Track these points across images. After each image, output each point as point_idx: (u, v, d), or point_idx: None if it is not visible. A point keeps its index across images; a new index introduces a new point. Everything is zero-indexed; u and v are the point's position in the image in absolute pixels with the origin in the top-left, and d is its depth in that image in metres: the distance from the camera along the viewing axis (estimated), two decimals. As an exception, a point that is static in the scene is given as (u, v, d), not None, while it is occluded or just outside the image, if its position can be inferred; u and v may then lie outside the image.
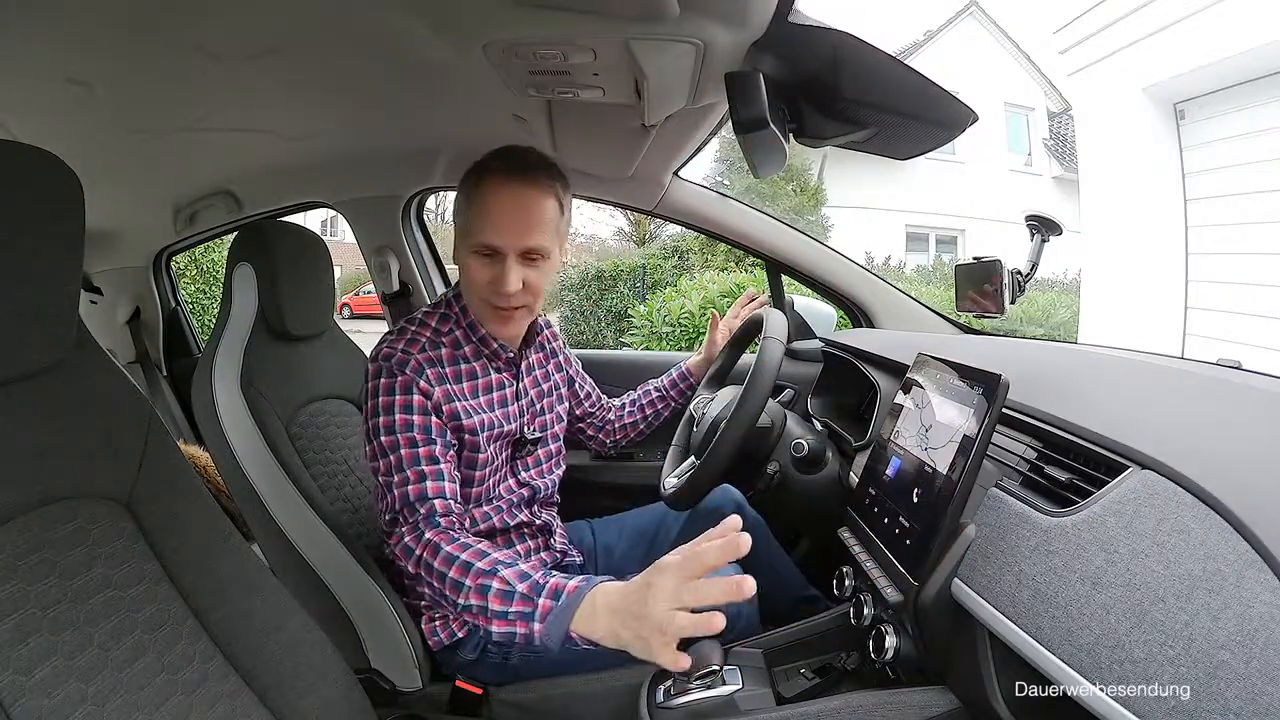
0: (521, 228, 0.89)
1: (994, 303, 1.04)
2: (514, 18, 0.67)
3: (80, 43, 0.79)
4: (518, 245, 0.89)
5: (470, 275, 0.93)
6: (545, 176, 0.90)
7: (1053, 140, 10.54)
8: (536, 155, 0.92)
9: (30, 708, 0.49)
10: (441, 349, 0.96)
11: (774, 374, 0.93)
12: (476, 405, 0.97)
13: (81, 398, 0.63)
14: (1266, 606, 0.41)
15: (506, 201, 0.88)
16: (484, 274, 0.91)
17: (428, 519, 0.85)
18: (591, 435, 1.29)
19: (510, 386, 1.02)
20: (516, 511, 1.03)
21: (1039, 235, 1.03)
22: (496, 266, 0.90)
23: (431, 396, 0.91)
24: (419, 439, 0.89)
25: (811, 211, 9.41)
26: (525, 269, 0.91)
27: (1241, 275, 3.83)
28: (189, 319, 2.06)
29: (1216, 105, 4.03)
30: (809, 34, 0.68)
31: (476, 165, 0.92)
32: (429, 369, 0.92)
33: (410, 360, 0.91)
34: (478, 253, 0.90)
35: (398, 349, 0.92)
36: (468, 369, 0.98)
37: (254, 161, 1.42)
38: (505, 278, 0.89)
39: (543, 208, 0.90)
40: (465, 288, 0.97)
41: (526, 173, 0.89)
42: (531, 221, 0.89)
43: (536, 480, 1.06)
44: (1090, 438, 0.61)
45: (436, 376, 0.93)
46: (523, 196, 0.89)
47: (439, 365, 0.94)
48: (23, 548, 0.54)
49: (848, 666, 0.85)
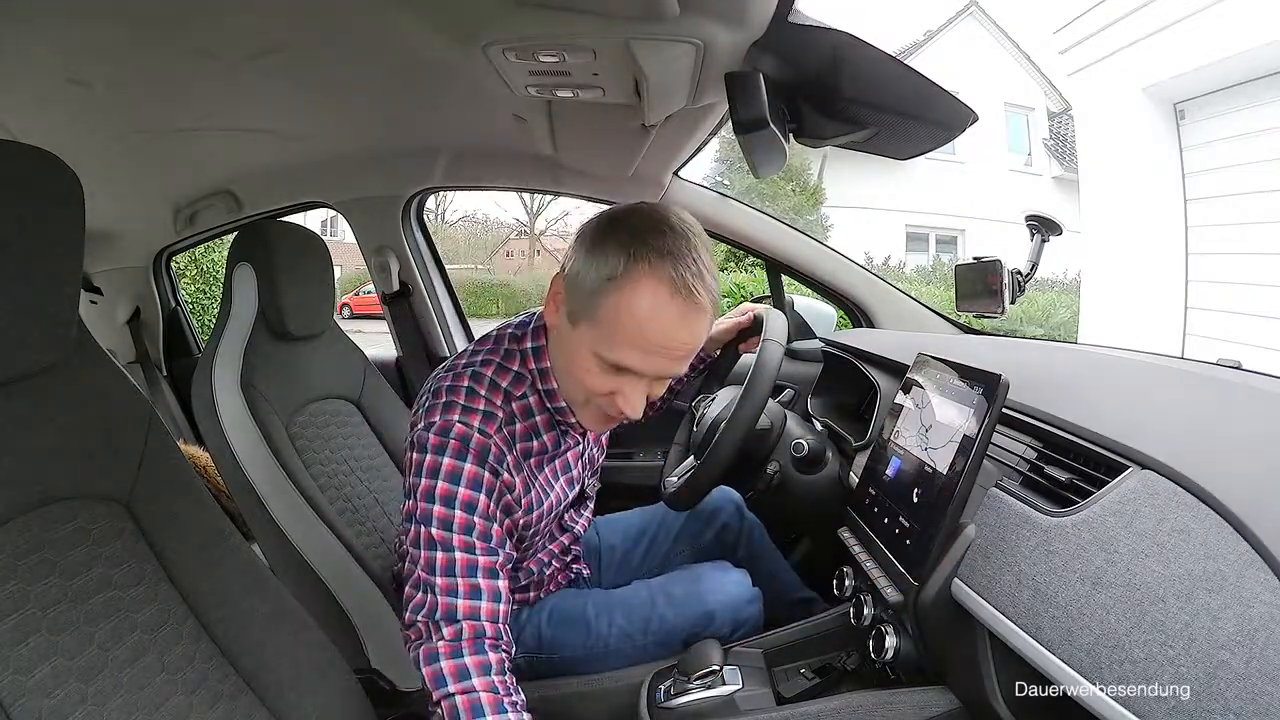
0: (675, 359, 0.71)
1: (994, 303, 1.04)
2: (514, 18, 0.67)
3: (80, 43, 0.79)
4: (663, 374, 0.73)
5: (582, 377, 0.74)
6: (711, 294, 0.70)
7: (1053, 140, 10.54)
8: (704, 255, 0.70)
9: (30, 708, 0.49)
10: (516, 424, 0.79)
11: (774, 374, 0.93)
12: (546, 483, 0.85)
13: (81, 398, 0.63)
14: (1266, 606, 0.41)
15: (667, 325, 0.68)
16: (603, 384, 0.73)
17: (474, 642, 0.69)
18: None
19: (575, 449, 0.92)
20: (553, 559, 0.99)
21: (1039, 235, 1.03)
22: (624, 382, 0.72)
23: (512, 490, 0.77)
24: (479, 547, 0.72)
25: (811, 211, 9.41)
26: (654, 385, 0.75)
27: (1241, 275, 3.83)
28: (189, 319, 2.06)
29: (1216, 105, 4.03)
30: (809, 34, 0.68)
31: (636, 248, 0.67)
32: (508, 455, 0.76)
33: (490, 446, 0.74)
34: (603, 361, 0.71)
35: (473, 426, 0.73)
36: (539, 444, 0.82)
37: (254, 161, 1.42)
38: (633, 400, 0.73)
39: (703, 336, 0.72)
40: (565, 376, 0.78)
41: (698, 292, 0.67)
42: (688, 353, 0.71)
43: (575, 525, 1.02)
44: (1090, 438, 0.61)
45: (515, 464, 0.78)
46: (686, 325, 0.69)
47: (517, 450, 0.78)
48: (23, 548, 0.54)
49: (848, 666, 0.85)
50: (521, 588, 0.99)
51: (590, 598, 1.00)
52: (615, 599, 0.99)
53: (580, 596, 1.01)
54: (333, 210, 1.64)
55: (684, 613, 0.95)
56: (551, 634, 0.97)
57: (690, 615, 0.95)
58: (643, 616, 0.96)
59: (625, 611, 0.97)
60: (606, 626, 0.96)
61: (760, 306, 1.17)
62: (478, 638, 0.69)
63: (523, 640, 0.97)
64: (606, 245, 0.69)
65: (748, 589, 0.98)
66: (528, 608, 0.99)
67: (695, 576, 1.00)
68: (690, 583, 0.98)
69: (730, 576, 0.99)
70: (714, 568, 1.02)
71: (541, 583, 1.01)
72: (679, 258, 0.67)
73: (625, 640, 0.96)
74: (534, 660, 0.97)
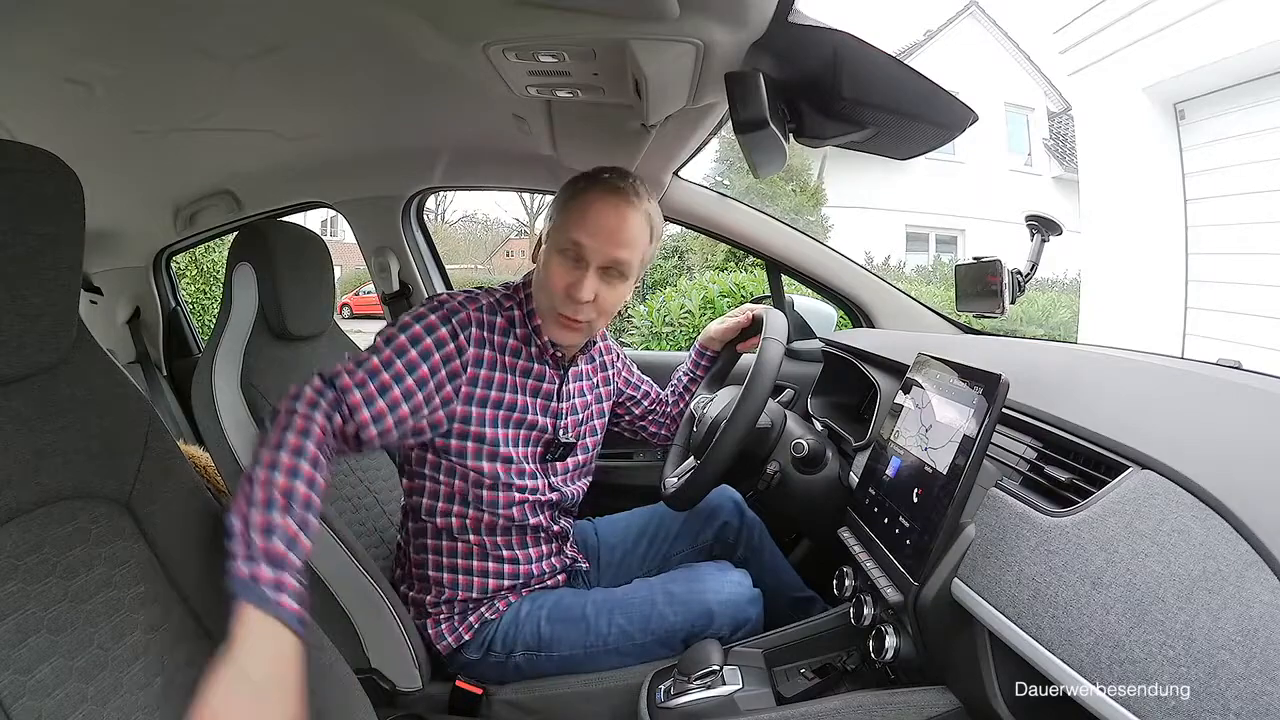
0: (613, 236, 0.89)
1: (994, 303, 1.04)
2: (514, 18, 0.67)
3: (80, 43, 0.79)
4: (604, 253, 0.89)
5: (549, 273, 0.92)
6: (645, 200, 0.93)
7: (1053, 140, 10.55)
8: (641, 181, 0.94)
9: (30, 708, 0.49)
10: (498, 317, 0.94)
11: (774, 374, 0.93)
12: (511, 383, 0.95)
13: (81, 398, 0.63)
14: (1266, 606, 0.41)
15: (606, 210, 0.90)
16: (563, 277, 0.90)
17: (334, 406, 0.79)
18: (655, 432, 1.25)
19: (552, 384, 1.00)
20: (538, 510, 1.00)
21: (1039, 235, 1.03)
22: (577, 272, 0.90)
23: (463, 354, 0.89)
24: (398, 368, 0.84)
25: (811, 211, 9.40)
26: (602, 282, 0.91)
27: (1241, 275, 3.83)
28: (189, 319, 2.06)
29: (1217, 105, 4.03)
30: (809, 34, 0.68)
31: (583, 175, 0.94)
32: (474, 328, 0.91)
33: (460, 311, 0.90)
34: (563, 251, 0.90)
35: (455, 299, 0.92)
36: (514, 345, 0.96)
37: (254, 161, 1.42)
38: (582, 284, 0.89)
39: (637, 225, 0.91)
40: (538, 288, 0.95)
41: (629, 191, 0.91)
42: (624, 233, 0.90)
43: (564, 486, 1.03)
44: (1090, 438, 0.61)
45: (480, 340, 0.91)
46: (622, 208, 0.90)
47: (489, 331, 0.93)
48: (23, 548, 0.54)
49: (848, 666, 0.85)
50: (519, 585, 1.00)
51: (590, 597, 1.00)
52: (615, 598, 0.99)
53: (580, 596, 1.01)
54: (333, 210, 1.65)
55: (684, 612, 0.95)
56: (551, 632, 0.97)
57: (690, 614, 0.95)
58: (643, 615, 0.96)
59: (625, 610, 0.97)
60: (606, 625, 0.96)
61: (760, 307, 1.17)
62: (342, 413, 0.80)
63: (523, 638, 0.97)
64: (563, 189, 0.95)
65: (748, 589, 0.98)
66: (527, 605, 1.00)
67: (696, 576, 1.00)
68: (691, 582, 0.99)
69: (731, 576, 0.99)
70: (715, 567, 1.02)
71: (542, 574, 1.02)
72: (614, 179, 0.92)
73: (625, 639, 0.96)
74: (534, 658, 0.97)
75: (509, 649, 0.98)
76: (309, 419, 0.75)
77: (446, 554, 0.99)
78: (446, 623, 0.99)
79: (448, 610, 1.00)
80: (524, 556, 1.00)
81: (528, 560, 1.01)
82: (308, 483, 0.69)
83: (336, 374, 0.82)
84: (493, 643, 0.98)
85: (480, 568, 0.99)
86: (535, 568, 1.02)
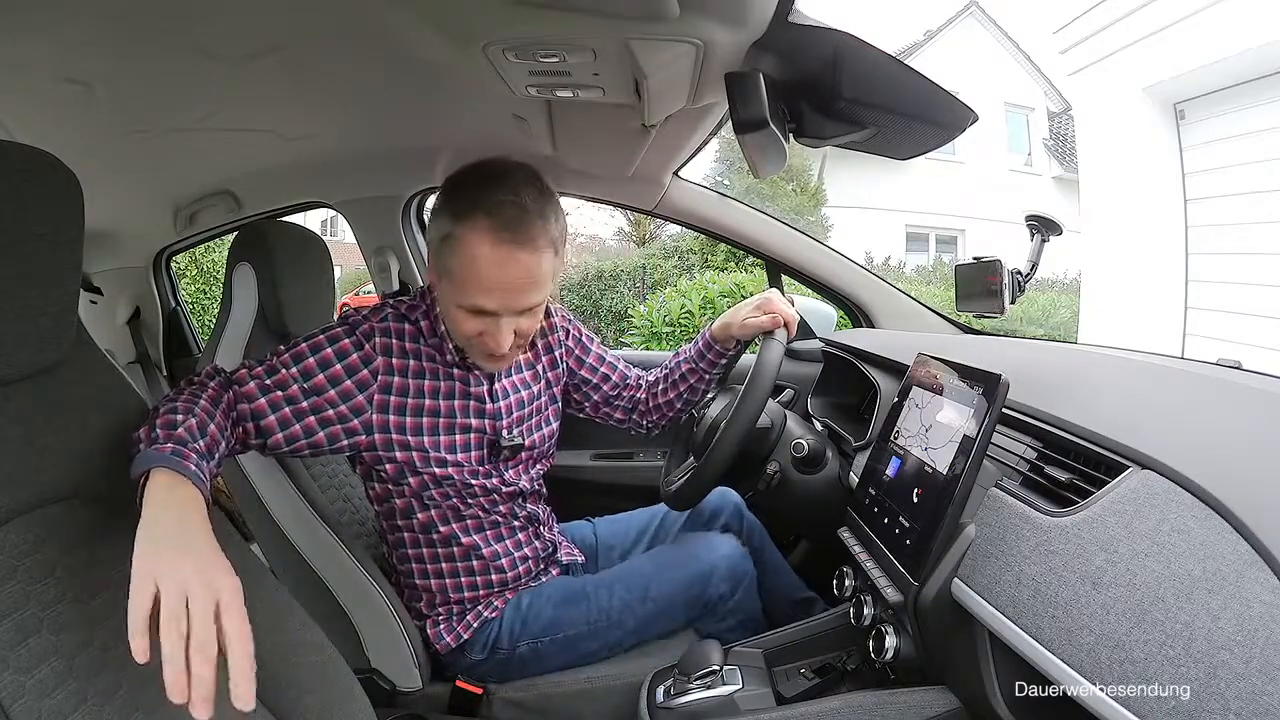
0: (516, 294, 0.81)
1: (994, 303, 1.04)
2: (514, 18, 0.67)
3: (79, 43, 0.79)
4: (512, 307, 0.82)
5: (454, 321, 0.85)
6: (540, 231, 0.79)
7: (1053, 140, 10.54)
8: (529, 200, 0.79)
9: (30, 708, 0.49)
10: (405, 324, 0.90)
11: (774, 374, 0.93)
12: (431, 388, 0.91)
13: (81, 398, 0.63)
14: (1266, 606, 0.41)
15: (496, 268, 0.78)
16: (472, 326, 0.83)
17: (223, 386, 0.79)
18: (622, 419, 1.15)
19: (480, 385, 0.95)
20: (498, 504, 0.99)
21: (1039, 235, 1.03)
22: (488, 323, 0.83)
23: (370, 363, 0.86)
24: (297, 374, 0.82)
25: (811, 211, 9.40)
26: (519, 319, 0.84)
27: (1241, 275, 3.83)
28: (189, 319, 2.06)
29: (1216, 105, 4.03)
30: (809, 34, 0.68)
31: (460, 205, 0.79)
32: (379, 337, 0.87)
33: (365, 323, 0.88)
34: (462, 307, 0.82)
35: (359, 313, 0.90)
36: (428, 352, 0.91)
37: (254, 161, 1.41)
38: (498, 337, 0.83)
39: (539, 269, 0.81)
40: (447, 323, 0.89)
41: (519, 233, 0.78)
42: (527, 287, 0.81)
43: (519, 480, 1.01)
44: (1090, 438, 0.61)
45: (384, 348, 0.87)
46: (516, 264, 0.79)
47: (397, 339, 0.89)
48: (23, 548, 0.54)
49: (848, 666, 0.85)
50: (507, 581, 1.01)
51: (589, 578, 1.04)
52: (614, 574, 1.03)
53: (579, 579, 1.04)
54: (333, 210, 1.64)
55: (682, 574, 0.98)
56: (554, 614, 0.98)
57: (689, 575, 0.98)
58: (641, 585, 0.98)
59: (624, 582, 1.00)
60: (608, 599, 0.98)
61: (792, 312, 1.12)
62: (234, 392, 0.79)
63: (528, 629, 0.98)
64: (440, 208, 0.83)
65: (739, 548, 1.03)
66: (528, 596, 1.00)
67: (688, 540, 1.06)
68: (684, 546, 1.04)
69: (721, 538, 1.04)
70: (704, 534, 1.07)
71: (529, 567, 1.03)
72: (497, 207, 0.78)
73: (627, 610, 0.98)
74: (539, 645, 0.98)
75: (514, 643, 0.98)
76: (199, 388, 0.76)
77: (429, 560, 0.99)
78: (445, 623, 0.99)
79: (444, 612, 1.00)
80: (502, 550, 1.00)
81: (507, 553, 1.01)
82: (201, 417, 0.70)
83: (234, 370, 0.83)
84: (498, 640, 0.99)
85: (465, 567, 0.99)
86: (518, 559, 1.02)
